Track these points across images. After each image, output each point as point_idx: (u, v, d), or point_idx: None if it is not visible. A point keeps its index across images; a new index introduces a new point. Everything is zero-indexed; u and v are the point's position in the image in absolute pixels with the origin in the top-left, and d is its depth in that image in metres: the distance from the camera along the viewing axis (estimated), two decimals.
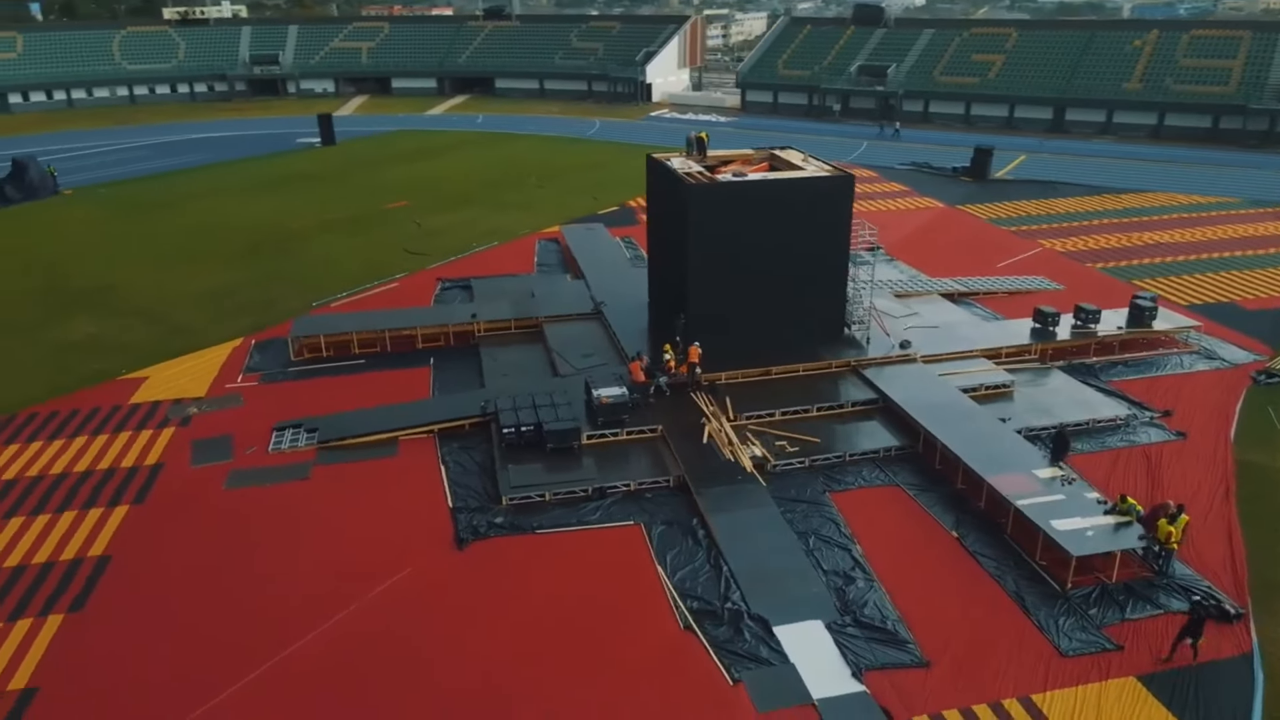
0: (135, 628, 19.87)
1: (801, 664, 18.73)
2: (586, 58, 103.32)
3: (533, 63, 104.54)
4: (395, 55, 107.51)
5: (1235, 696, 17.70)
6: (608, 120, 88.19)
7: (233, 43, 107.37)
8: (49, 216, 54.71)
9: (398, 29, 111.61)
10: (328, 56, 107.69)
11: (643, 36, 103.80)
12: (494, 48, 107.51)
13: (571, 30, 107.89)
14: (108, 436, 28.04)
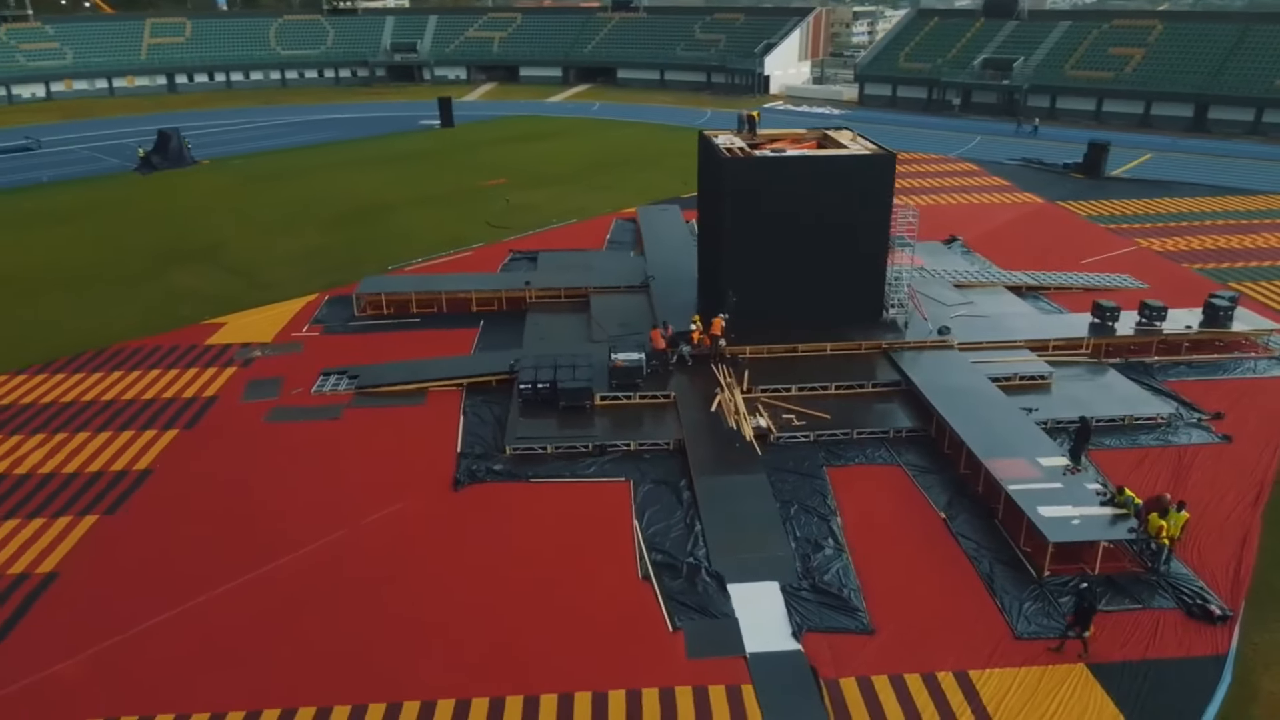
0: (153, 532, 22.09)
1: (745, 620, 18.97)
2: (708, 49, 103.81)
3: (655, 54, 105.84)
4: (524, 45, 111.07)
5: (1190, 696, 16.82)
6: (719, 110, 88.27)
7: (377, 31, 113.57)
8: (183, 183, 59.84)
9: (529, 19, 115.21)
10: (462, 45, 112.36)
11: (766, 29, 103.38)
12: (619, 39, 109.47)
13: (696, 22, 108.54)
14: (177, 372, 30.88)
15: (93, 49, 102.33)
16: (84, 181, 60.08)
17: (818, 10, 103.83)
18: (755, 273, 30.68)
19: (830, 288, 30.90)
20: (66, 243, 45.95)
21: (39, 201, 54.49)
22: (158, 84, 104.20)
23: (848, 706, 16.69)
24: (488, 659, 17.87)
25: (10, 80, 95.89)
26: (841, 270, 30.86)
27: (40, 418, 27.66)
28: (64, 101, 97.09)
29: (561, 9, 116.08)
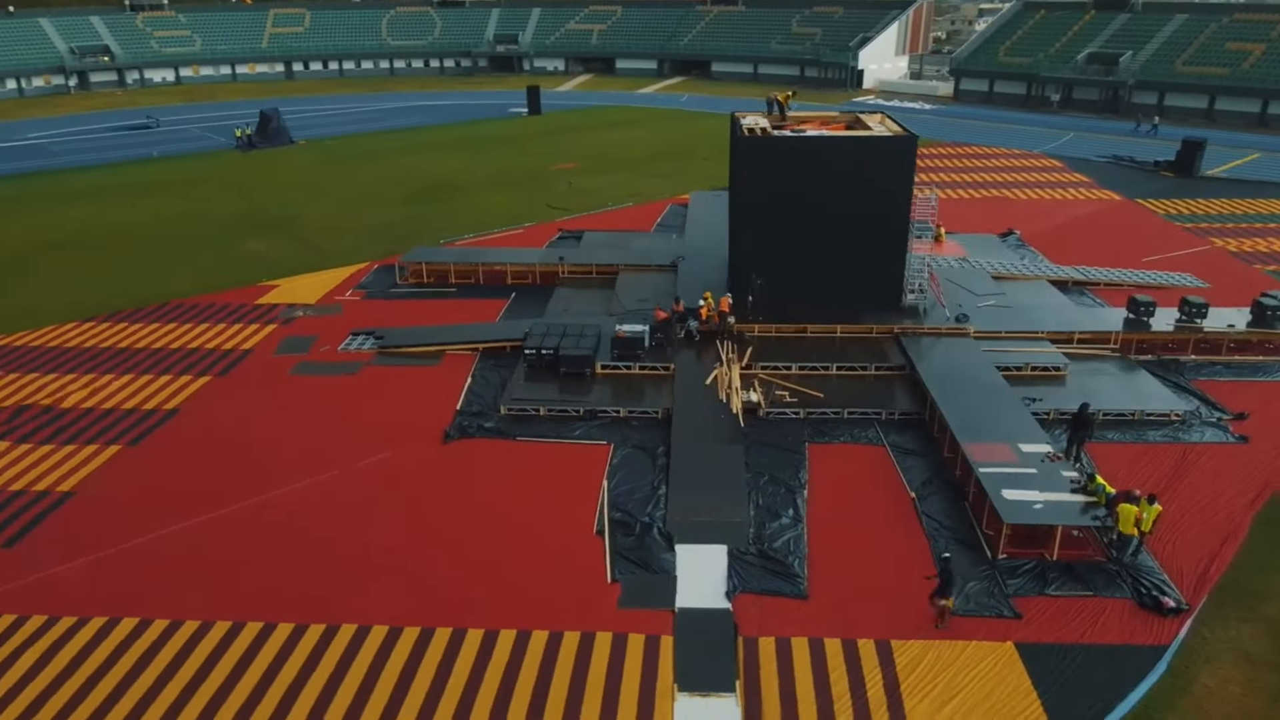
0: (165, 463, 24.07)
1: (684, 578, 19.39)
2: (803, 42, 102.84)
3: (749, 47, 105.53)
4: (622, 37, 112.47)
5: (1114, 683, 16.36)
6: (805, 104, 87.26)
7: (482, 23, 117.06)
8: (278, 160, 63.48)
9: (629, 12, 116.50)
10: (562, 37, 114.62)
11: (864, 22, 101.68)
12: (715, 32, 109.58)
13: (794, 15, 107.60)
14: (223, 326, 33.19)
15: (219, 37, 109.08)
16: (190, 157, 64.48)
17: (919, 4, 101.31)
18: (770, 254, 30.81)
19: (847, 271, 30.68)
20: (158, 210, 49.56)
21: (146, 174, 58.84)
22: (276, 71, 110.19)
23: (759, 664, 16.94)
24: (429, 595, 18.85)
25: (144, 65, 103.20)
26: (859, 254, 30.60)
27: (91, 361, 30.27)
28: (190, 85, 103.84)
29: (661, 2, 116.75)
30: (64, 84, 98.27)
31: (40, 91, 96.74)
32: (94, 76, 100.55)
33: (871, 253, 30.56)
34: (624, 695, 16.20)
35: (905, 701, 16.05)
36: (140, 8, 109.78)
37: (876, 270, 30.75)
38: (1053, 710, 15.80)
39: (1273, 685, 16.40)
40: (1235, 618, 18.08)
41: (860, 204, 30.03)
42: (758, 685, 16.45)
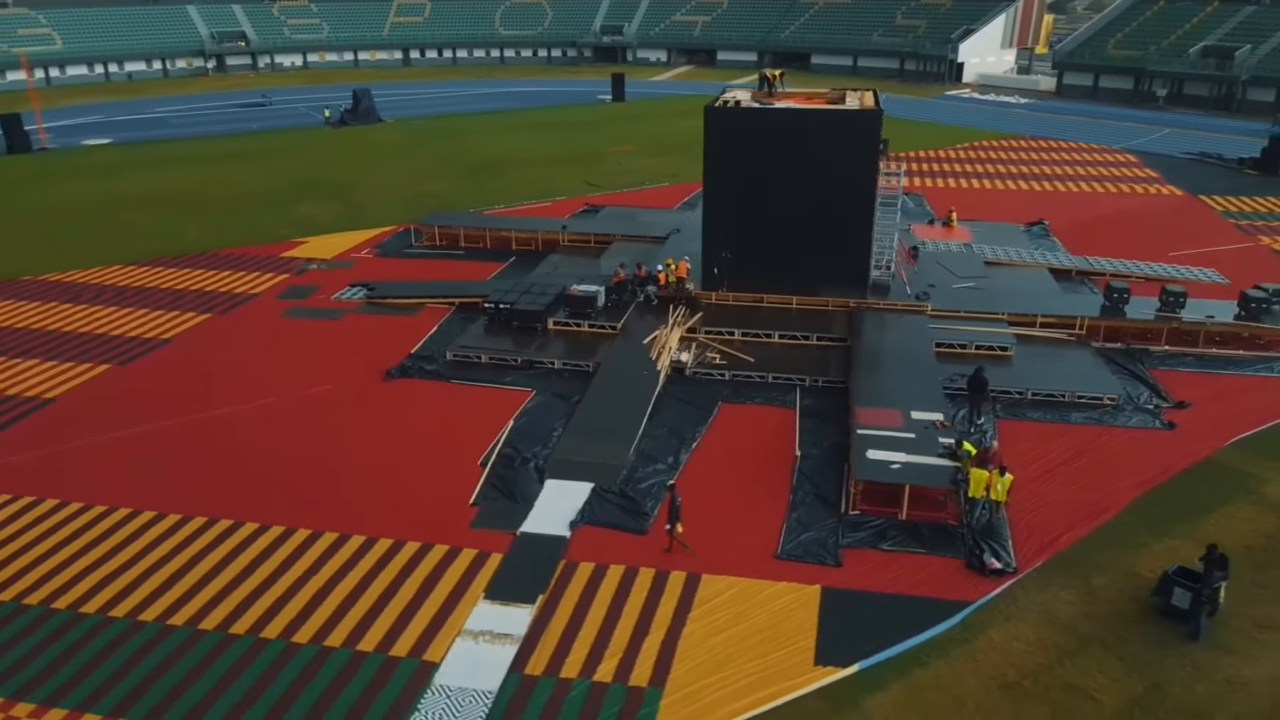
0: (142, 381, 27.09)
1: (540, 507, 20.62)
2: (905, 35, 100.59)
3: (850, 40, 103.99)
4: (725, 29, 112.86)
5: (898, 630, 16.60)
6: (894, 96, 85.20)
7: (591, 14, 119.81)
8: (360, 136, 67.62)
9: (735, 4, 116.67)
10: (666, 28, 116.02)
11: (971, 14, 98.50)
12: (817, 24, 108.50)
13: (900, 7, 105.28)
14: (242, 274, 36.41)
15: (345, 25, 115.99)
16: (285, 131, 69.46)
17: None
18: (738, 225, 31.35)
19: (812, 244, 30.90)
20: (236, 175, 54.00)
21: (240, 145, 63.93)
22: (395, 58, 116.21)
23: (569, 584, 18.00)
24: (321, 501, 20.72)
25: (275, 50, 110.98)
26: (824, 228, 30.75)
27: (117, 298, 33.88)
28: (315, 70, 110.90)
29: None
30: (203, 66, 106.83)
31: (181, 73, 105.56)
32: (230, 60, 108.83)
33: (836, 227, 30.65)
34: (433, 597, 17.61)
35: (688, 624, 16.80)
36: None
37: (841, 245, 30.80)
38: (824, 645, 16.24)
39: (1064, 645, 16.25)
40: (1059, 585, 17.84)
41: (824, 178, 30.20)
42: (558, 600, 17.52)
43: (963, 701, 15.08)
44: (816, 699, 15.16)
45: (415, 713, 14.85)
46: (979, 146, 61.97)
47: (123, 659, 16.04)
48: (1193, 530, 19.46)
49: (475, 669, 15.78)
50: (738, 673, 15.67)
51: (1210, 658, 15.92)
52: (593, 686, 15.38)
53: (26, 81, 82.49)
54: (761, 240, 31.18)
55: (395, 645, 16.35)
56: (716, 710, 14.85)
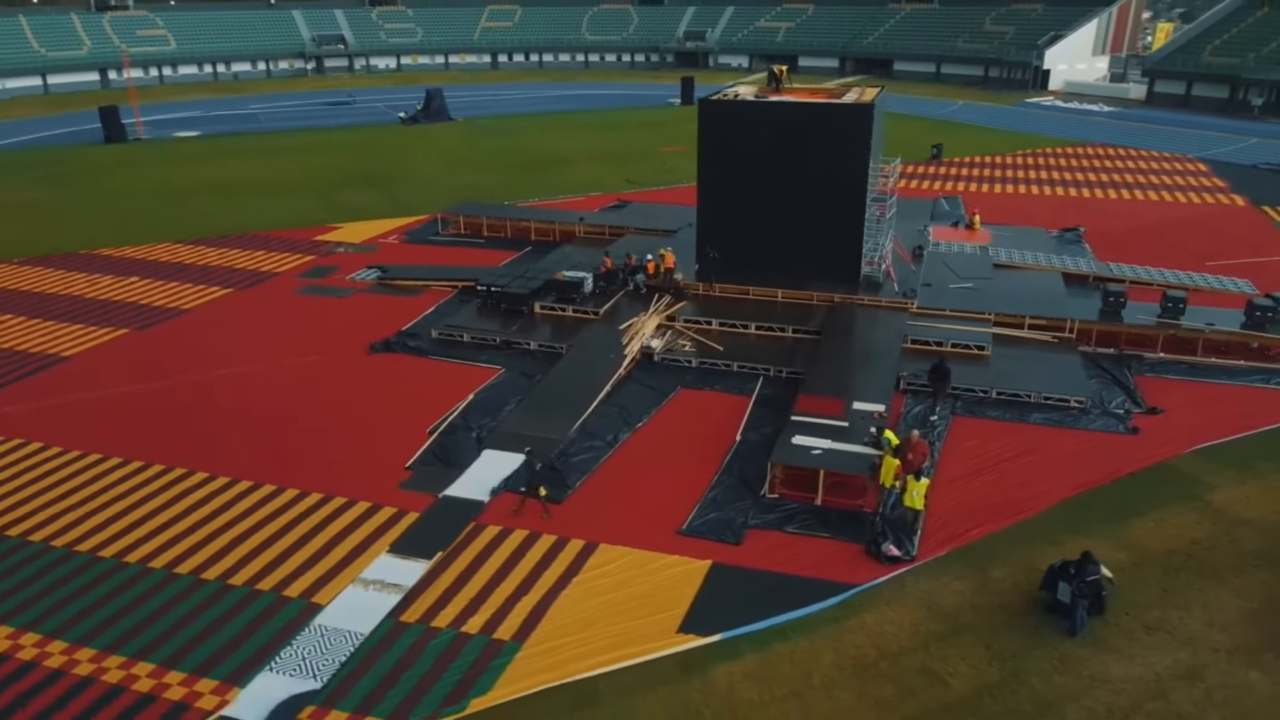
0: (153, 345, 29.16)
1: (471, 475, 21.41)
2: (991, 41, 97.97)
3: (934, 46, 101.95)
4: (807, 35, 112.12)
5: (769, 606, 16.71)
6: (970, 103, 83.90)
7: (675, 20, 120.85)
8: (426, 133, 70.16)
9: (820, 10, 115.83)
10: (749, 35, 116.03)
11: (1063, 20, 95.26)
12: (902, 30, 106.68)
13: (989, 13, 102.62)
14: (274, 254, 38.58)
15: (437, 29, 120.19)
16: (360, 128, 72.63)
17: (1123, 1, 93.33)
18: (729, 218, 31.61)
19: (804, 239, 30.87)
20: (301, 166, 56.92)
21: (314, 139, 67.23)
22: (483, 61, 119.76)
23: (471, 543, 18.74)
24: (272, 456, 22.07)
25: (371, 53, 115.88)
26: (815, 222, 30.69)
27: (154, 271, 36.41)
28: (407, 72, 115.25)
29: (854, 0, 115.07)
30: (303, 68, 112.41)
31: (283, 73, 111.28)
32: (329, 62, 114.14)
33: (826, 222, 30.54)
34: (341, 547, 18.60)
35: (570, 588, 17.31)
36: (377, 3, 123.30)
37: (831, 239, 30.66)
38: (693, 615, 16.49)
39: (936, 632, 16.07)
40: (954, 575, 17.59)
41: (814, 172, 30.16)
42: (454, 558, 18.28)
43: (810, 675, 15.13)
44: (669, 663, 15.44)
45: (287, 646, 15.80)
46: (1041, 153, 60.09)
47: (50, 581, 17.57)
48: (1116, 532, 18.85)
49: (356, 613, 16.65)
50: (600, 634, 16.08)
51: (1082, 654, 15.49)
52: (458, 636, 16.04)
53: (128, 80, 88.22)
54: (754, 233, 31.31)
55: (290, 587, 17.38)
56: (565, 666, 15.30)
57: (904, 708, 14.50)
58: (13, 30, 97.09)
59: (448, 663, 15.43)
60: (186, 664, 15.45)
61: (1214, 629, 16.02)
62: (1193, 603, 16.70)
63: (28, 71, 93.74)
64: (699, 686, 14.92)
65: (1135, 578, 17.41)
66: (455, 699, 14.63)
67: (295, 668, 15.34)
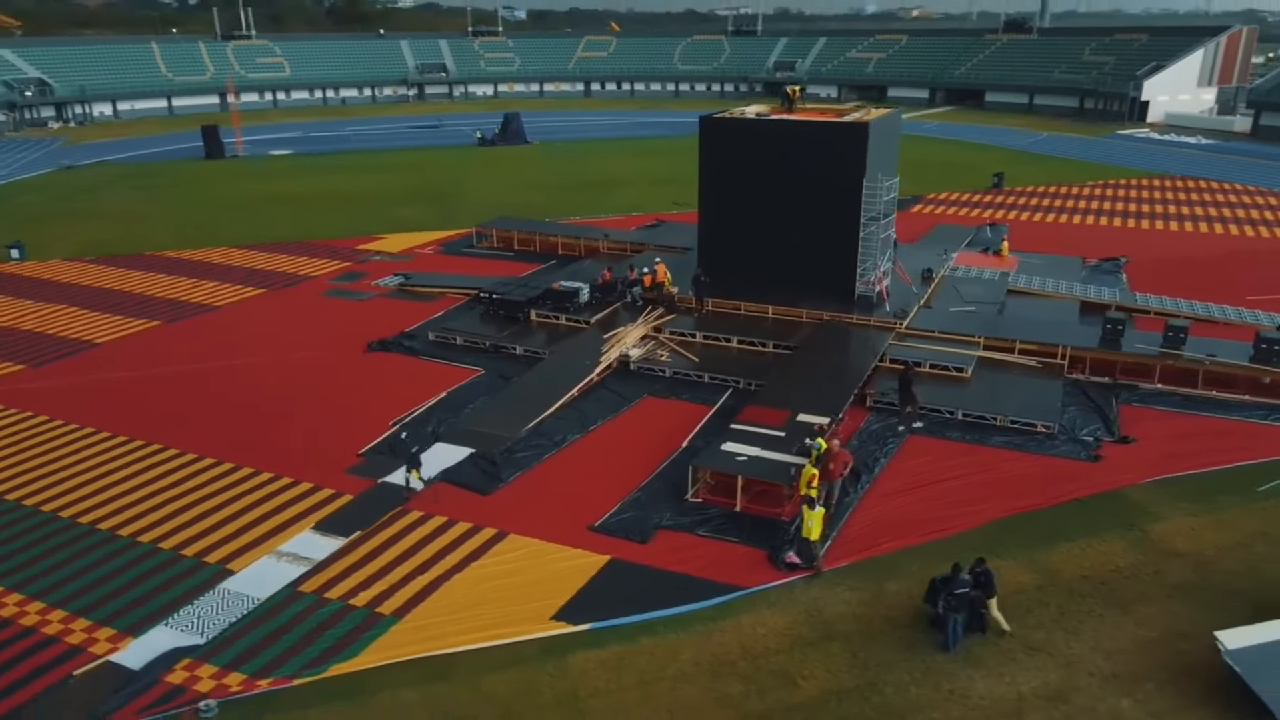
0: (178, 337, 31.38)
1: (439, 456, 22.27)
2: (1089, 72, 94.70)
3: (1028, 76, 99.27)
4: (898, 66, 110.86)
5: (634, 602, 16.85)
6: (1056, 134, 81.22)
7: (767, 50, 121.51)
8: (499, 154, 72.70)
9: (914, 41, 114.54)
10: (839, 65, 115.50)
11: (1166, 50, 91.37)
12: (996, 61, 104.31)
13: (1089, 43, 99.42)
14: (315, 260, 40.83)
15: (535, 58, 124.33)
16: (439, 149, 75.81)
17: (1234, 29, 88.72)
18: (728, 235, 31.90)
19: (801, 257, 30.89)
20: (369, 182, 59.91)
21: (391, 158, 70.63)
22: (577, 90, 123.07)
23: (393, 526, 19.55)
24: (241, 437, 23.54)
25: (470, 80, 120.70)
26: (811, 241, 30.66)
27: (198, 272, 39.07)
28: (504, 99, 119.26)
29: (948, 30, 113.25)
30: (405, 94, 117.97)
31: (387, 99, 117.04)
32: (430, 89, 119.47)
33: (822, 240, 30.45)
34: (270, 522, 19.70)
35: (466, 571, 17.89)
36: (481, 34, 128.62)
37: (826, 257, 30.52)
38: (572, 605, 16.81)
39: (806, 638, 15.92)
40: (848, 586, 17.34)
41: (810, 190, 30.18)
42: (371, 537, 19.13)
43: (664, 669, 15.22)
44: (532, 647, 15.78)
45: (188, 606, 16.90)
46: (1114, 184, 57.82)
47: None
48: (1034, 555, 18.20)
49: (259, 581, 17.65)
50: (478, 615, 16.57)
51: (950, 668, 15.07)
52: (344, 608, 16.81)
53: (232, 103, 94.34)
54: (752, 250, 31.49)
55: (213, 554, 18.54)
56: (432, 641, 15.85)
57: (745, 705, 14.44)
58: (144, 56, 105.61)
59: (325, 630, 16.19)
60: (98, 614, 16.71)
61: (1098, 654, 15.32)
62: (1086, 628, 15.99)
63: (155, 94, 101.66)
64: (551, 670, 15.22)
65: (1036, 600, 16.80)
66: (318, 663, 15.37)
67: (187, 624, 16.40)
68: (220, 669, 15.27)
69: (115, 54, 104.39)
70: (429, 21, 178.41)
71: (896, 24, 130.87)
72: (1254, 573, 17.31)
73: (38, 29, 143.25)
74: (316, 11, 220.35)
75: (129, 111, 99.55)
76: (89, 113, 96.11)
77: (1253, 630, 14.56)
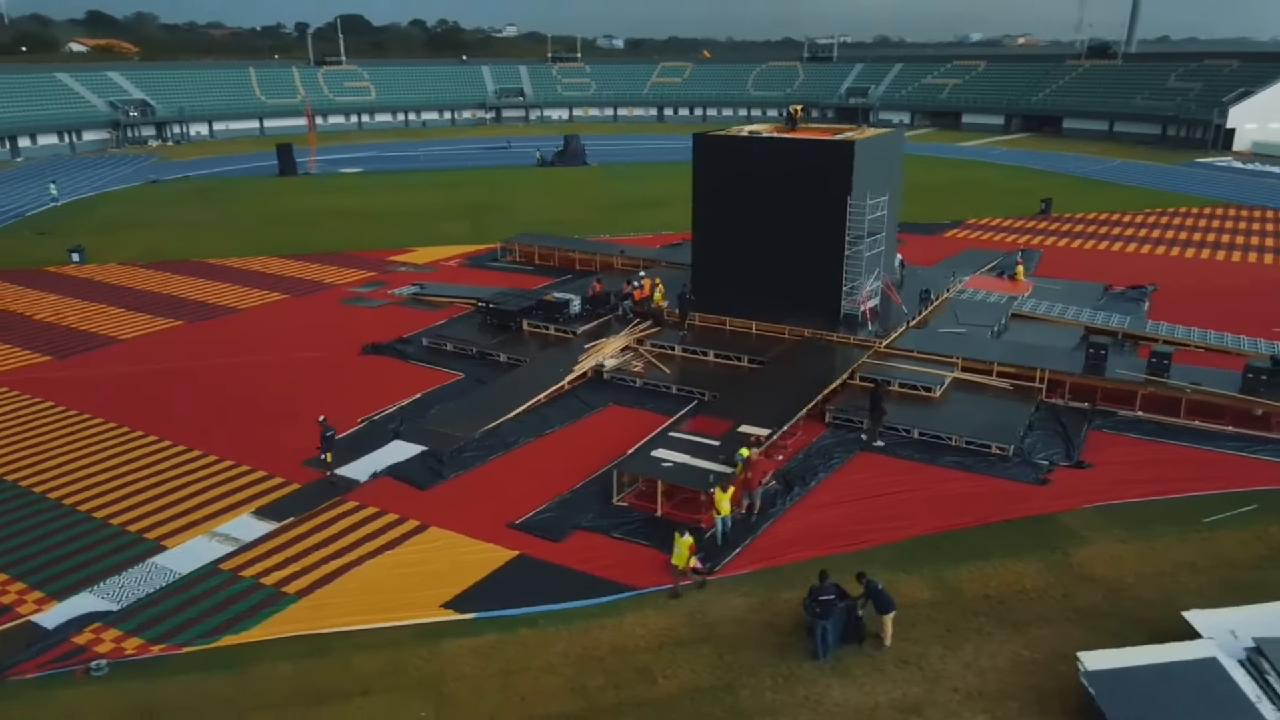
0: (197, 336, 33.30)
1: (368, 460, 23.17)
2: (1173, 98, 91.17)
3: (1108, 103, 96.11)
4: (974, 92, 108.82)
5: (538, 595, 17.28)
6: (1129, 161, 78.42)
7: (841, 76, 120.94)
8: (552, 174, 74.33)
9: (992, 67, 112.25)
10: (913, 91, 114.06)
11: (1257, 77, 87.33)
12: (1076, 87, 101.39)
13: (1175, 69, 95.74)
14: (346, 269, 42.68)
15: (610, 84, 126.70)
16: (500, 168, 78.03)
17: None
18: (719, 250, 32.18)
19: (788, 274, 30.87)
20: (422, 199, 62.11)
21: (451, 177, 73.02)
22: (650, 114, 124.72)
23: (327, 514, 20.44)
24: (219, 426, 24.95)
25: (546, 105, 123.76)
26: (798, 258, 30.62)
27: (233, 278, 41.30)
28: (579, 122, 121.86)
29: (1030, 56, 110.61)
30: (483, 117, 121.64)
31: (466, 122, 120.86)
32: (506, 112, 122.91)
33: (808, 257, 30.39)
34: (216, 505, 20.85)
35: (380, 558, 18.62)
36: (560, 59, 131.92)
37: (812, 275, 30.42)
38: (466, 595, 17.35)
39: (680, 638, 16.05)
40: (742, 592, 17.38)
41: (797, 208, 30.20)
42: (303, 523, 20.05)
43: (532, 659, 15.56)
44: (413, 631, 16.34)
45: (115, 576, 18.07)
46: (1174, 212, 55.66)
47: None
48: (941, 573, 17.86)
49: (185, 557, 18.71)
50: (375, 599, 17.24)
51: (812, 675, 14.97)
52: (253, 585, 17.71)
53: (307, 126, 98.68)
54: (742, 266, 31.62)
55: (154, 531, 19.74)
56: (328, 620, 16.57)
57: (599, 697, 14.66)
58: (241, 80, 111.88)
59: (229, 605, 17.09)
60: (36, 578, 18.02)
61: (970, 671, 14.97)
62: (968, 646, 15.63)
63: (248, 115, 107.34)
64: (423, 654, 15.73)
65: (927, 615, 16.50)
66: (212, 634, 16.26)
67: (108, 593, 17.54)
68: (124, 634, 16.29)
69: (215, 78, 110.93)
70: (527, 49, 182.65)
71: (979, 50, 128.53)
72: (1168, 602, 16.59)
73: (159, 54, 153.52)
74: (418, 39, 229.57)
75: (223, 131, 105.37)
76: (185, 132, 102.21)
77: (1115, 654, 14.03)
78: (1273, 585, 17.15)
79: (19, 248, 48.10)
